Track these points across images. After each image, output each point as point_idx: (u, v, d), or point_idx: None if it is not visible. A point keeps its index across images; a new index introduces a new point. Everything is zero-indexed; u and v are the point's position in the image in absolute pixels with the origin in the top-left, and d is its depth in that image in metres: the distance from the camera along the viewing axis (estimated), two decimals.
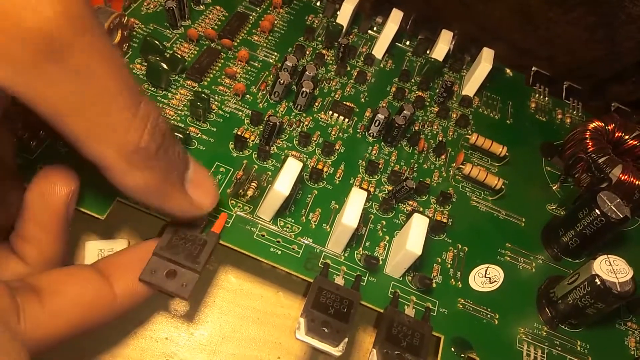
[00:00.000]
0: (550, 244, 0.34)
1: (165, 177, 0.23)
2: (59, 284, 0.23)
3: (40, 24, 0.16)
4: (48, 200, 0.24)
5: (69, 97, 0.18)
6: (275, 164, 0.33)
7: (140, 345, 0.31)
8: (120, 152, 0.20)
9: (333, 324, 0.26)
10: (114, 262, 0.26)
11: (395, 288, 0.30)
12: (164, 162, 0.23)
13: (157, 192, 0.23)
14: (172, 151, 0.23)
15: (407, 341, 0.27)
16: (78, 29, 0.17)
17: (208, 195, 0.26)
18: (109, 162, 0.21)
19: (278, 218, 0.30)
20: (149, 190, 0.22)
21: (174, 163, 0.24)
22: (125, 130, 0.20)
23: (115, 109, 0.20)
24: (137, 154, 0.21)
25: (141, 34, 0.37)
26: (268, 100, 0.36)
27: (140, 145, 0.21)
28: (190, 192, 0.25)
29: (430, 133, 0.39)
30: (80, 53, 0.18)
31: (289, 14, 0.44)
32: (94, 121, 0.19)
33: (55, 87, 0.18)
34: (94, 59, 0.18)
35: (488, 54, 0.42)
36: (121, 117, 0.20)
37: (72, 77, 0.18)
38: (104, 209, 0.28)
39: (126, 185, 0.22)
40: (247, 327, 0.33)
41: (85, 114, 0.19)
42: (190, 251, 0.27)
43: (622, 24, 0.42)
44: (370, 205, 0.33)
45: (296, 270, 0.29)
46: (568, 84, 0.48)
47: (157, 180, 0.22)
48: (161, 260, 0.26)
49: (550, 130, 0.43)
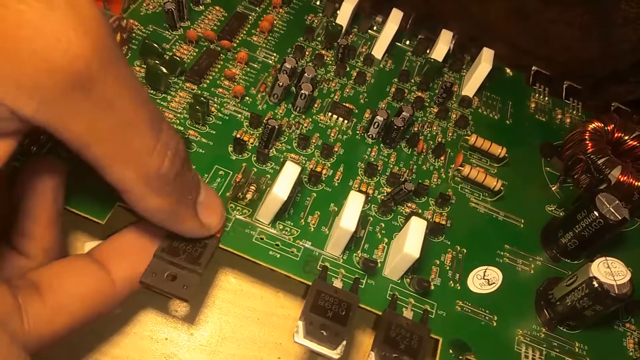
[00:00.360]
0: (549, 245, 0.35)
1: (180, 201, 0.24)
2: (58, 277, 0.24)
3: (69, 59, 0.17)
4: (38, 194, 0.25)
5: (94, 126, 0.19)
6: (274, 166, 0.33)
7: (140, 346, 0.31)
8: (141, 177, 0.21)
9: (331, 327, 0.26)
10: (108, 249, 0.26)
11: (394, 290, 0.30)
12: (181, 187, 0.23)
13: (172, 214, 0.24)
14: (188, 176, 0.24)
15: (406, 344, 0.27)
16: (105, 62, 0.18)
17: (216, 215, 0.27)
18: (130, 186, 0.21)
19: (277, 221, 0.31)
20: (164, 213, 0.23)
21: (189, 187, 0.25)
22: (147, 156, 0.21)
23: (139, 136, 0.20)
24: (157, 180, 0.22)
25: (140, 36, 0.37)
26: (267, 102, 0.36)
27: (161, 172, 0.21)
28: (200, 214, 0.26)
29: (430, 134, 0.39)
30: (106, 85, 0.18)
31: (289, 14, 0.43)
32: (118, 148, 0.20)
33: (81, 119, 0.18)
34: (119, 90, 0.19)
35: (488, 54, 0.42)
36: (144, 144, 0.20)
37: (98, 109, 0.18)
38: (104, 214, 0.28)
39: (144, 208, 0.23)
40: (247, 328, 0.33)
41: (109, 141, 0.19)
42: (190, 253, 0.27)
43: (618, 26, 0.42)
44: (369, 207, 0.33)
45: (295, 273, 0.29)
46: (568, 83, 0.48)
47: (173, 205, 0.23)
48: (162, 263, 0.26)
49: (550, 131, 0.43)
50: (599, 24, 0.44)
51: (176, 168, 0.22)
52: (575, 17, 0.44)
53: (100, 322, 0.31)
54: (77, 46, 0.17)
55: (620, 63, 0.47)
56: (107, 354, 0.30)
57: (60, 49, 0.16)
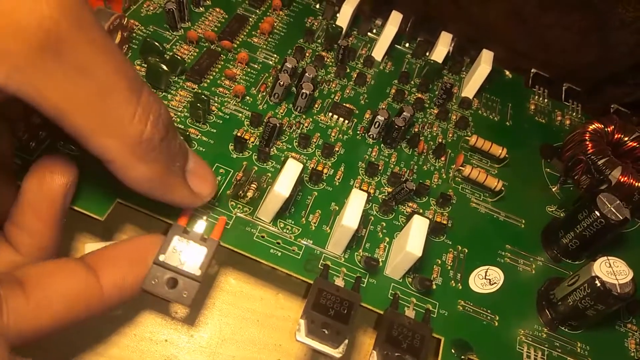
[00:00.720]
0: (550, 245, 0.34)
1: (168, 169, 0.23)
2: (45, 276, 0.23)
3: (36, 20, 0.16)
4: (46, 189, 0.24)
5: (69, 93, 0.18)
6: (275, 165, 0.33)
7: (139, 348, 0.31)
8: (124, 144, 0.20)
9: (333, 326, 0.26)
10: (102, 255, 0.26)
11: (396, 289, 0.30)
12: (167, 153, 0.23)
13: (161, 183, 0.23)
14: (174, 143, 0.23)
15: (408, 343, 0.27)
16: (74, 23, 0.17)
17: (207, 184, 0.27)
18: (114, 155, 0.21)
19: (278, 219, 0.30)
20: (152, 181, 0.23)
21: (176, 154, 0.24)
22: (128, 122, 0.20)
23: (118, 101, 0.20)
24: (141, 146, 0.21)
25: (141, 36, 0.37)
26: (268, 101, 0.36)
27: (143, 137, 0.21)
28: (190, 182, 0.25)
29: (430, 135, 0.39)
30: (79, 48, 0.18)
31: (289, 16, 0.44)
32: (97, 115, 0.19)
33: (55, 84, 0.18)
34: (92, 52, 0.18)
35: (487, 56, 0.43)
36: (124, 110, 0.20)
37: (71, 73, 0.18)
38: (104, 210, 0.28)
39: (130, 177, 0.22)
40: (247, 329, 0.32)
41: (87, 109, 0.19)
42: (190, 259, 0.27)
43: (615, 29, 0.43)
44: (370, 206, 0.33)
45: (296, 271, 0.29)
46: (567, 85, 0.48)
47: (160, 172, 0.23)
48: (162, 269, 0.26)
49: (550, 132, 0.43)
50: (597, 28, 0.44)
51: (160, 133, 0.22)
52: (573, 21, 0.44)
53: (100, 323, 0.31)
54: (44, 4, 0.16)
55: (618, 66, 0.47)
56: (107, 355, 0.30)
57: (26, 8, 0.16)
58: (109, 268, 0.25)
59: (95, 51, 0.18)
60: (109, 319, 0.31)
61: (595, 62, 0.47)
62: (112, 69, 0.19)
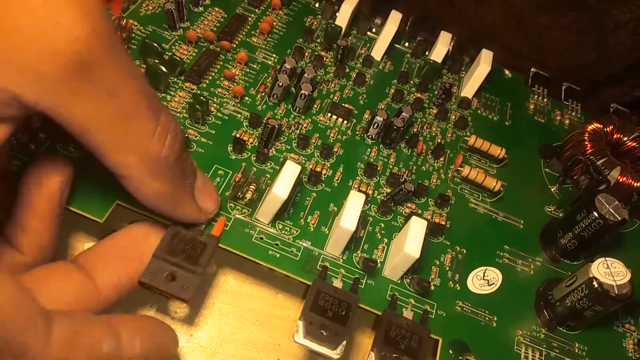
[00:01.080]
0: (548, 246, 0.35)
1: (180, 186, 0.24)
2: (41, 282, 0.23)
3: (72, 44, 0.17)
4: (44, 189, 0.25)
5: (96, 112, 0.19)
6: (274, 166, 0.33)
7: None
8: (142, 161, 0.21)
9: (331, 327, 0.26)
10: (94, 255, 0.26)
11: (394, 290, 0.30)
12: (180, 171, 0.24)
13: (171, 199, 0.24)
14: (187, 162, 0.25)
15: (405, 344, 0.27)
16: (105, 48, 0.18)
17: (212, 200, 0.28)
18: (131, 172, 0.21)
19: (277, 221, 0.30)
20: (164, 198, 0.24)
21: (188, 172, 0.25)
22: (147, 140, 0.21)
23: (139, 121, 0.20)
24: (157, 164, 0.22)
25: (140, 36, 0.37)
26: (267, 102, 0.36)
27: (161, 155, 0.22)
28: (197, 199, 0.26)
29: (429, 135, 0.39)
30: (108, 70, 0.19)
31: (288, 16, 0.44)
32: (119, 133, 0.20)
33: (83, 104, 0.18)
34: (119, 75, 0.19)
35: (487, 56, 0.43)
36: (144, 129, 0.21)
37: (99, 94, 0.19)
38: (103, 212, 0.28)
39: (143, 192, 0.23)
40: (247, 329, 0.33)
41: (111, 127, 0.20)
42: (190, 254, 0.27)
43: (612, 30, 0.43)
44: (368, 207, 0.33)
45: (295, 273, 0.29)
46: (567, 85, 0.48)
47: (172, 188, 0.24)
48: (161, 263, 0.26)
49: (549, 132, 0.43)
50: (594, 30, 0.44)
51: (175, 152, 0.22)
52: (569, 23, 0.44)
53: None
54: (79, 29, 0.17)
55: (616, 66, 0.47)
56: None
57: (62, 32, 0.17)
58: (103, 268, 0.25)
59: (122, 74, 0.19)
60: None
61: (593, 63, 0.47)
62: (136, 91, 0.20)
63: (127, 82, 0.19)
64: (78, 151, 0.30)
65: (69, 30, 0.17)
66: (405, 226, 0.30)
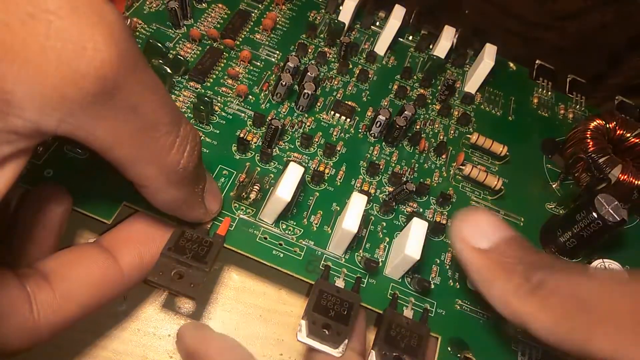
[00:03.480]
0: (547, 243, 0.35)
1: (194, 192, 0.25)
2: (67, 266, 0.24)
3: (96, 68, 0.17)
4: (43, 219, 0.25)
5: (118, 129, 0.19)
6: (278, 166, 0.33)
7: (143, 343, 0.31)
8: (161, 172, 0.21)
9: (334, 326, 0.27)
10: (117, 237, 0.27)
11: (395, 289, 0.30)
12: (195, 179, 0.24)
13: (185, 204, 0.25)
14: (201, 168, 0.25)
15: (405, 343, 0.28)
16: (130, 68, 0.18)
17: (217, 202, 0.29)
18: (150, 182, 0.22)
19: (280, 221, 0.31)
20: (179, 203, 0.24)
21: (201, 178, 0.25)
22: (167, 152, 0.21)
23: (160, 134, 0.20)
24: (177, 174, 0.22)
25: (144, 34, 0.37)
26: (270, 100, 0.37)
27: (180, 166, 0.22)
28: (205, 201, 0.27)
29: (432, 132, 0.39)
30: (131, 90, 0.18)
31: (291, 10, 0.43)
32: (140, 147, 0.20)
33: (105, 125, 0.18)
34: (142, 92, 0.19)
35: (490, 50, 0.42)
36: (165, 141, 0.21)
37: (122, 114, 0.18)
38: (111, 213, 0.29)
39: (160, 200, 0.23)
40: (250, 325, 0.33)
41: (131, 143, 0.20)
42: (197, 252, 0.27)
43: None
44: (370, 206, 0.33)
45: (298, 272, 0.30)
46: (572, 77, 0.48)
47: (187, 195, 0.24)
48: (169, 261, 0.27)
49: (552, 126, 0.43)
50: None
51: (194, 162, 0.23)
52: None
53: (104, 318, 0.31)
54: (104, 52, 0.17)
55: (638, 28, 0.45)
56: (111, 350, 0.31)
57: (86, 57, 0.16)
58: (125, 249, 0.26)
59: (145, 91, 0.19)
60: (112, 314, 0.32)
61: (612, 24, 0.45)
62: (157, 106, 0.20)
63: (150, 98, 0.19)
64: (85, 152, 0.30)
65: (95, 54, 0.16)
66: (407, 227, 0.30)
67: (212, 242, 0.28)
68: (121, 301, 0.32)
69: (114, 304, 0.32)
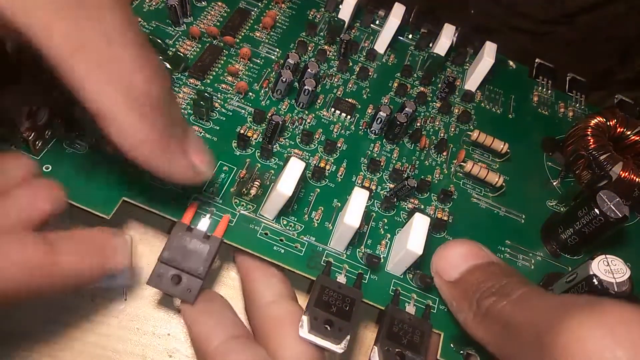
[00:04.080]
0: (549, 240, 0.35)
1: (170, 132, 0.22)
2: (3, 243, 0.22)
3: None
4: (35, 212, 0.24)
5: (79, 33, 0.18)
6: (278, 162, 0.33)
7: (142, 341, 0.31)
8: (121, 94, 0.20)
9: (335, 322, 0.27)
10: (64, 235, 0.25)
11: (397, 286, 0.30)
12: (167, 115, 0.22)
13: (160, 147, 0.22)
14: (175, 109, 0.23)
15: (408, 339, 0.27)
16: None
17: (202, 156, 0.25)
18: (109, 106, 0.20)
19: (281, 217, 0.31)
20: (152, 144, 0.22)
21: (177, 119, 0.23)
22: (129, 72, 0.20)
23: (123, 50, 0.19)
24: (140, 99, 0.20)
25: (143, 32, 0.37)
26: (270, 97, 0.36)
27: (144, 89, 0.20)
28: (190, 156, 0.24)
29: (432, 129, 0.39)
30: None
31: (291, 9, 0.43)
32: (100, 61, 0.19)
33: (66, 21, 0.17)
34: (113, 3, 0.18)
35: (491, 48, 0.42)
36: (127, 60, 0.20)
37: (86, 13, 0.18)
38: (110, 209, 0.28)
39: (128, 136, 0.21)
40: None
41: (92, 53, 0.19)
42: (193, 257, 0.27)
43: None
44: (372, 203, 0.33)
45: (299, 268, 0.29)
46: (571, 75, 0.48)
47: (159, 136, 0.22)
48: (166, 266, 0.27)
49: (552, 125, 0.43)
50: None
51: (160, 89, 0.21)
52: None
53: (103, 317, 0.31)
54: None
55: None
56: (110, 349, 0.31)
57: None
58: (68, 248, 0.24)
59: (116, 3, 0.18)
60: (111, 313, 0.31)
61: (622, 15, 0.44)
62: (123, 19, 0.19)
63: (118, 7, 0.18)
64: (85, 147, 0.30)
65: None
66: (408, 223, 0.30)
67: (209, 245, 0.28)
68: (121, 301, 0.32)
69: (114, 304, 0.31)
